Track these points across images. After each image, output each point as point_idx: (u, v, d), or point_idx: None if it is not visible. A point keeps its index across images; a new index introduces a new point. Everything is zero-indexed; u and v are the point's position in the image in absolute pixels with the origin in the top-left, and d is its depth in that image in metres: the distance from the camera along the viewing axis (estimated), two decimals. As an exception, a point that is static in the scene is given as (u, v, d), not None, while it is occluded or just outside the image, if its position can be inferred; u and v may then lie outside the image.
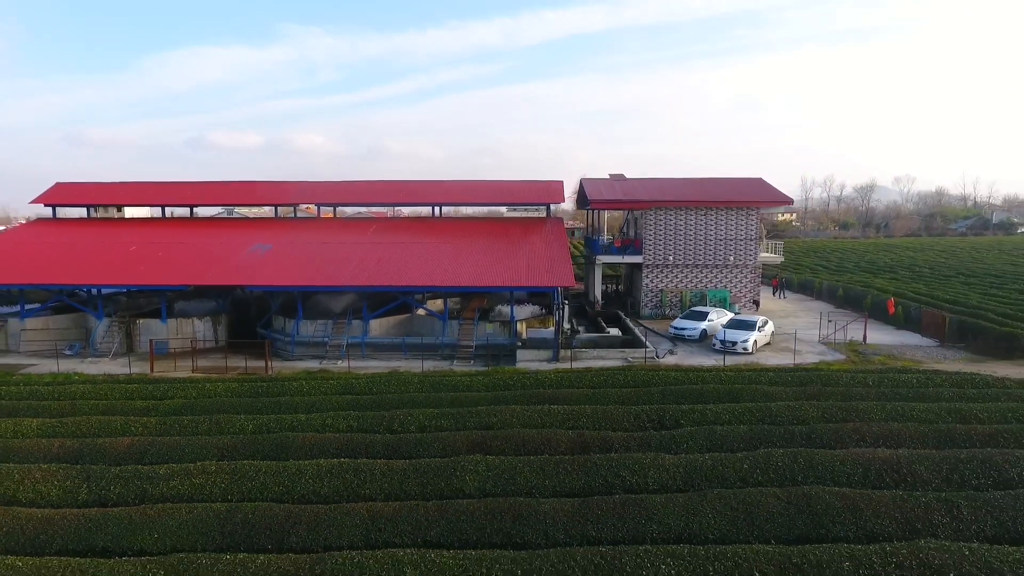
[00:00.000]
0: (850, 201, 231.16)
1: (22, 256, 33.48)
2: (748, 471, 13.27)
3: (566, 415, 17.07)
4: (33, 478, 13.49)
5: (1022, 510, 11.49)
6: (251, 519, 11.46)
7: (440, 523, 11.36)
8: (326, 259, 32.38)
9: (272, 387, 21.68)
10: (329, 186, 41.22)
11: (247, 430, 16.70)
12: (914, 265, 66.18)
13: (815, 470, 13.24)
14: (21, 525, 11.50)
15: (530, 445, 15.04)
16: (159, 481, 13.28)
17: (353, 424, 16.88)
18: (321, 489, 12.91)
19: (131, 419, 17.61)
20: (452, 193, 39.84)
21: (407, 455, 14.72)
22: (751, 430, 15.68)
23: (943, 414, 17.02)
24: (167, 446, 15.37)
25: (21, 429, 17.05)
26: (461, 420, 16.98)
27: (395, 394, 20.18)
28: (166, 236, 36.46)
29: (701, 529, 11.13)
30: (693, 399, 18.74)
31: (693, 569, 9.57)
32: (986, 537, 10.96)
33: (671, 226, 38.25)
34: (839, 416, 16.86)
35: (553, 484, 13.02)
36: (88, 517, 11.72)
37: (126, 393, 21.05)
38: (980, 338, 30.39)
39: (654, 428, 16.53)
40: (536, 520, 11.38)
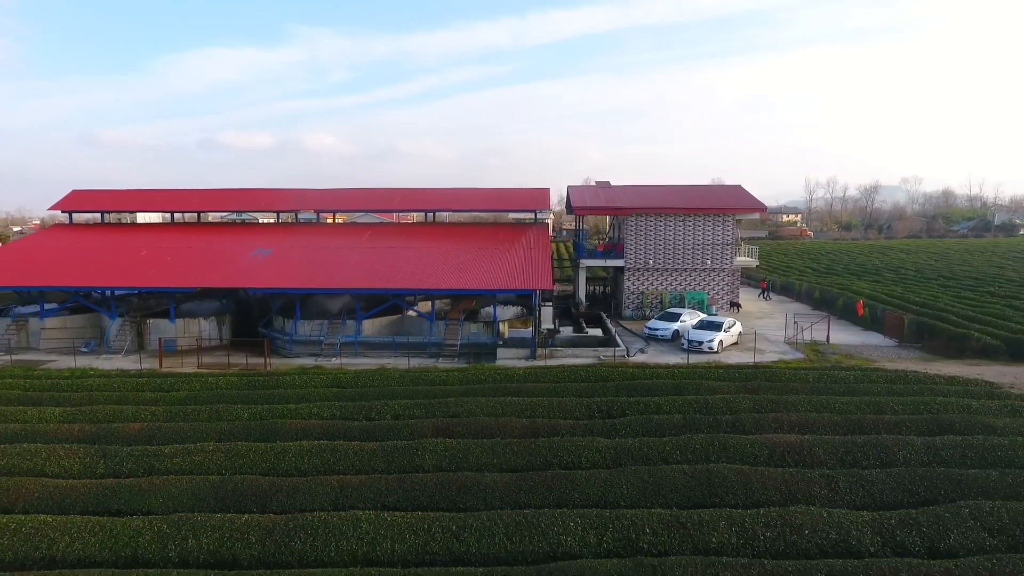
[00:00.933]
0: (855, 202, 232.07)
1: (41, 260, 35.96)
2: (669, 452, 15.36)
3: (525, 406, 19.21)
4: (57, 455, 15.78)
5: (891, 484, 13.52)
6: (240, 488, 13.69)
7: (398, 492, 13.54)
8: (323, 263, 34.65)
9: (268, 381, 23.96)
10: (326, 193, 43.56)
11: (243, 417, 18.94)
12: (902, 268, 67.69)
13: (727, 452, 15.31)
14: (49, 492, 13.77)
15: (487, 431, 17.19)
16: (164, 458, 15.54)
17: (336, 413, 19.09)
18: (301, 465, 15.12)
19: (141, 408, 19.93)
20: (443, 200, 42.06)
21: (379, 438, 16.91)
22: (684, 419, 17.76)
23: (862, 406, 19.03)
24: (172, 430, 17.64)
25: (45, 416, 19.38)
26: (431, 409, 19.16)
27: (377, 387, 22.39)
28: (174, 241, 38.88)
29: (615, 497, 13.24)
30: (643, 392, 20.84)
31: (596, 526, 11.69)
32: (854, 505, 13.00)
33: (651, 231, 40.26)
34: (767, 407, 18.90)
35: (500, 462, 15.17)
36: (104, 486, 13.98)
37: (137, 386, 23.38)
38: (936, 338, 32.24)
39: (601, 417, 18.64)
40: (479, 490, 13.53)
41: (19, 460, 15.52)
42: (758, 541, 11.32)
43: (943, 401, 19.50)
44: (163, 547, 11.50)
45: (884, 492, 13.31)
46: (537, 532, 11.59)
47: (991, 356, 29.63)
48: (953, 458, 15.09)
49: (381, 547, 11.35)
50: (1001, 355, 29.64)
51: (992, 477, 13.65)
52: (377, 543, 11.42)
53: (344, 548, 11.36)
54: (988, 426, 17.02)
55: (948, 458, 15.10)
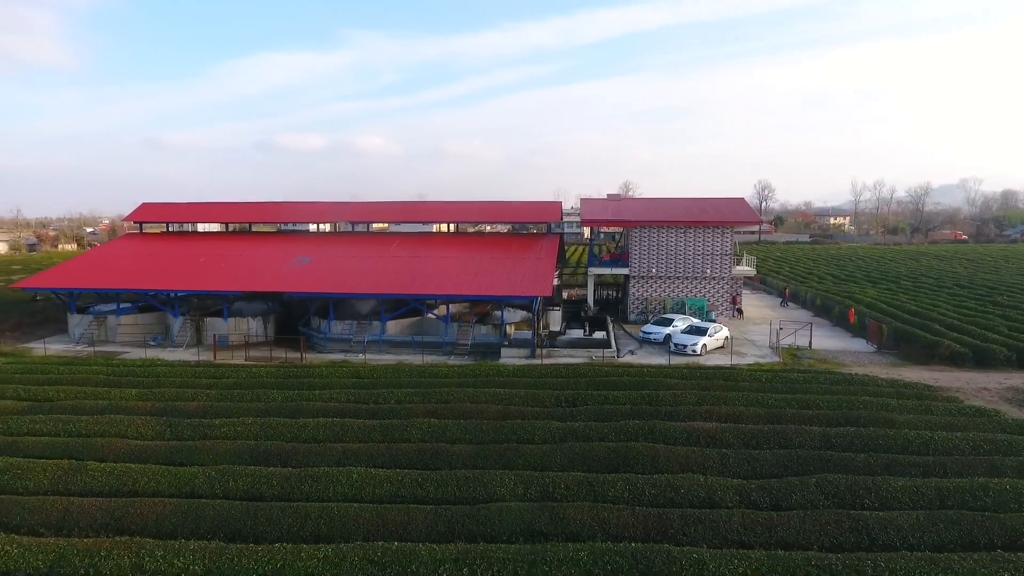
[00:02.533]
0: (904, 204, 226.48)
1: (116, 265, 41.83)
2: (606, 433, 19.07)
3: (504, 396, 23.14)
4: (136, 424, 20.56)
5: (772, 462, 16.92)
6: (269, 449, 18.11)
7: (386, 456, 17.69)
8: (354, 270, 39.32)
9: (301, 372, 28.61)
10: (361, 206, 48.42)
11: (277, 400, 23.47)
12: (923, 275, 68.44)
13: (653, 434, 18.91)
14: (131, 449, 18.48)
15: (467, 414, 21.20)
16: (214, 428, 20.12)
17: (351, 398, 23.44)
18: (316, 436, 19.46)
19: (198, 391, 24.77)
20: (464, 212, 46.34)
21: (379, 418, 21.12)
22: (631, 408, 21.41)
23: (792, 402, 22.25)
24: (221, 408, 22.28)
25: (124, 396, 24.36)
26: (427, 397, 23.31)
27: (389, 379, 26.70)
28: (228, 248, 44.30)
29: (549, 465, 17.04)
30: (608, 387, 24.50)
31: (525, 482, 15.54)
32: (736, 475, 16.47)
33: (654, 242, 43.55)
34: (708, 401, 22.31)
35: (469, 438, 19.16)
36: (170, 446, 18.62)
37: (195, 374, 28.35)
38: (912, 345, 34.64)
39: (565, 406, 22.43)
40: (446, 456, 17.56)
41: (108, 427, 20.37)
42: (643, 496, 14.99)
43: (866, 400, 22.55)
44: (211, 487, 15.94)
45: (764, 468, 16.74)
46: (480, 485, 15.54)
47: (958, 363, 31.91)
48: (840, 445, 18.32)
49: (364, 491, 15.51)
50: (967, 362, 31.90)
51: (858, 459, 16.90)
52: (362, 488, 15.58)
53: (338, 491, 15.56)
54: (889, 421, 20.08)
55: (836, 444, 18.33)
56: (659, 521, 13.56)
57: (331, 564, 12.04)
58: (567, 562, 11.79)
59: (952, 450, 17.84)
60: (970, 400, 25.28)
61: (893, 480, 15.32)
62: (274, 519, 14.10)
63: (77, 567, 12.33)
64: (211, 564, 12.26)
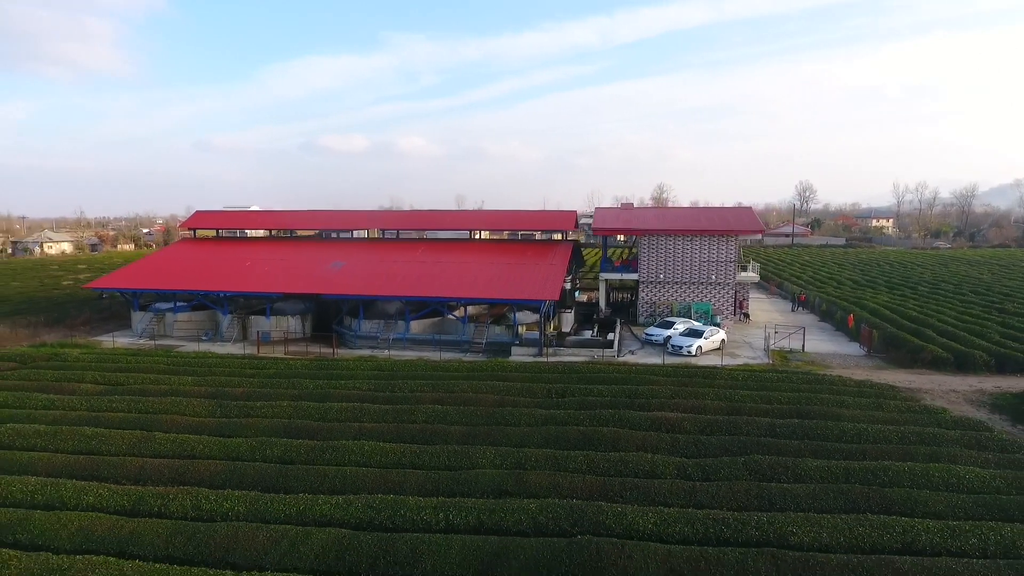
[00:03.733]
0: (951, 206, 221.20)
1: (173, 268, 46.78)
2: (581, 420, 22.30)
3: (502, 388, 26.58)
4: (192, 405, 24.69)
5: (715, 445, 19.91)
6: (299, 426, 21.95)
7: (393, 433, 21.32)
8: (382, 274, 43.28)
9: (332, 365, 32.60)
10: (392, 214, 52.49)
11: (308, 388, 27.39)
12: (943, 281, 69.04)
13: (622, 421, 22.05)
14: (188, 423, 22.56)
15: (467, 402, 24.70)
16: (256, 409, 24.10)
17: (371, 387, 27.20)
18: (339, 417, 23.23)
19: (243, 379, 28.92)
20: (483, 221, 49.93)
21: (393, 403, 24.80)
22: (611, 400, 24.58)
23: (755, 398, 25.03)
24: (262, 393, 26.31)
25: (182, 382, 28.66)
26: (436, 387, 26.91)
27: (406, 372, 30.43)
28: (270, 253, 48.87)
29: (527, 443, 20.36)
30: (595, 382, 27.70)
31: (503, 455, 18.93)
32: (682, 455, 19.50)
33: (662, 249, 46.30)
34: (680, 395, 25.30)
35: (464, 420, 22.64)
36: (219, 422, 22.65)
37: (241, 365, 32.61)
38: (900, 350, 36.73)
39: (553, 397, 25.72)
40: (443, 435, 21.07)
41: (169, 407, 24.56)
42: (597, 468, 18.21)
43: (824, 397, 25.21)
44: (252, 453, 19.82)
45: (707, 450, 19.75)
46: (466, 457, 19.01)
47: (939, 367, 33.95)
48: (783, 433, 21.15)
49: (373, 459, 19.14)
50: (949, 367, 33.91)
51: (791, 444, 19.76)
52: (371, 457, 19.23)
53: (352, 459, 19.23)
54: (834, 415, 22.78)
55: (779, 433, 21.17)
56: (602, 486, 16.78)
57: (340, 508, 15.68)
58: (519, 511, 15.16)
59: (879, 439, 20.49)
60: (933, 400, 27.62)
61: (811, 461, 18.19)
62: (300, 477, 17.85)
63: (152, 506, 16.27)
64: (251, 507, 16.03)
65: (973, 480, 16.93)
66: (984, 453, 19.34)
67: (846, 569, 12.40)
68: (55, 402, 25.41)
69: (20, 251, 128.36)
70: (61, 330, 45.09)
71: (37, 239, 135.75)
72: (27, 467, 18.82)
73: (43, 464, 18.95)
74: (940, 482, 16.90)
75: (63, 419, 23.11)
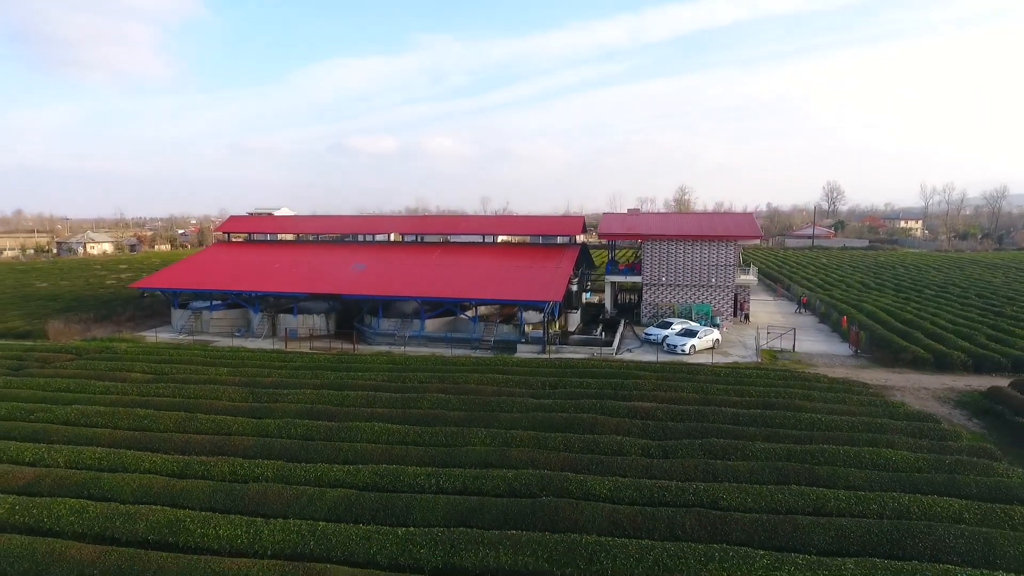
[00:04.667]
0: (982, 207, 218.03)
1: (209, 270, 50.71)
2: (566, 407, 25.14)
3: (501, 380, 29.53)
4: (227, 392, 28.14)
5: (682, 429, 22.56)
6: (320, 409, 25.21)
7: (400, 417, 24.41)
8: (401, 276, 46.56)
9: (351, 359, 35.90)
10: (409, 219, 55.76)
11: (330, 378, 30.66)
12: (952, 284, 70.01)
13: (601, 409, 24.79)
14: (224, 407, 25.98)
15: (467, 391, 27.71)
16: (283, 396, 27.43)
17: (384, 379, 30.38)
18: (354, 402, 26.43)
19: (272, 370, 32.36)
20: (496, 226, 52.94)
21: (402, 392, 27.93)
22: (597, 391, 27.37)
23: (729, 391, 27.58)
24: (289, 382, 29.67)
25: (218, 372, 32.19)
26: (443, 379, 29.98)
27: (417, 366, 33.57)
28: (298, 256, 52.54)
29: (516, 426, 23.24)
30: (586, 376, 30.48)
31: (493, 436, 21.87)
32: (649, 438, 22.22)
33: (665, 254, 48.78)
34: (662, 388, 27.94)
35: (463, 406, 25.64)
36: (251, 406, 26.03)
37: (270, 358, 36.11)
38: (884, 350, 38.76)
39: (546, 388, 28.58)
40: (443, 419, 24.09)
41: (208, 393, 28.04)
42: (572, 447, 21.05)
43: (792, 391, 27.65)
44: (279, 431, 23.09)
45: (672, 434, 22.43)
46: (461, 437, 22.01)
47: (920, 367, 35.97)
48: (744, 420, 23.70)
49: (381, 437, 22.26)
50: (929, 366, 35.90)
51: (748, 430, 22.34)
52: (379, 436, 22.33)
53: (363, 436, 22.35)
54: (795, 406, 25.25)
55: (741, 420, 23.73)
56: (573, 461, 19.63)
57: (350, 474, 18.82)
58: (498, 478, 18.11)
59: (831, 428, 22.92)
60: (902, 397, 29.88)
61: (760, 444, 20.79)
62: (319, 451, 21.03)
63: (197, 471, 19.59)
64: (277, 473, 19.24)
65: (898, 461, 19.38)
66: (921, 440, 21.71)
67: (756, 525, 15.08)
68: (110, 388, 29.10)
69: (65, 251, 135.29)
70: (109, 326, 49.32)
71: (80, 240, 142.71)
72: (92, 440, 22.36)
73: (105, 437, 22.48)
74: (868, 462, 19.39)
75: (118, 402, 26.74)
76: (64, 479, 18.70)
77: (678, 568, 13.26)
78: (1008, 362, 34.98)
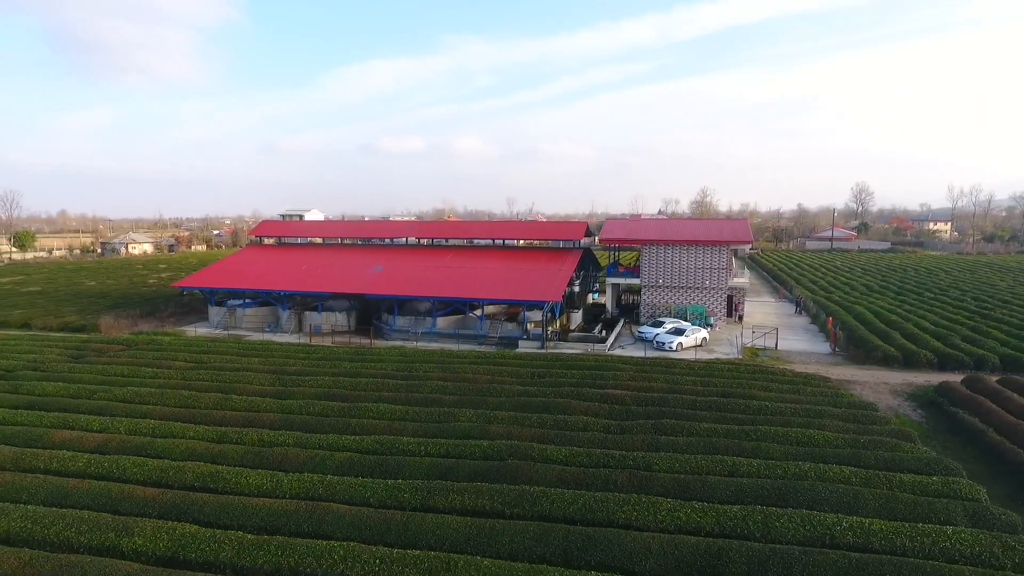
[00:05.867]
0: (1012, 209, 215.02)
1: (243, 271, 55.56)
2: (546, 394, 28.86)
3: (496, 371, 33.37)
4: (259, 379, 32.52)
5: (641, 410, 26.12)
6: (336, 392, 29.39)
7: (403, 400, 28.42)
8: (415, 277, 50.71)
9: (367, 352, 40.13)
10: (426, 224, 59.90)
11: (346, 368, 34.86)
12: (954, 287, 71.57)
13: (576, 395, 28.44)
14: (255, 390, 30.33)
15: (464, 379, 31.61)
16: (305, 381, 31.69)
17: (393, 369, 34.47)
18: (364, 388, 30.52)
19: (297, 360, 36.74)
20: (504, 231, 56.75)
21: (407, 379, 31.96)
22: (577, 380, 31.03)
23: (695, 382, 30.95)
24: (311, 371, 33.95)
25: (250, 363, 36.66)
26: (444, 370, 33.93)
27: (424, 358, 37.60)
28: (322, 258, 57.10)
29: (500, 408, 27.00)
30: (572, 368, 34.14)
31: (480, 415, 25.71)
32: (612, 418, 25.80)
33: (662, 257, 52.06)
34: (637, 379, 31.46)
35: (459, 391, 29.54)
36: (277, 389, 30.33)
37: (296, 351, 40.54)
38: (859, 349, 41.56)
39: (534, 378, 32.32)
40: (440, 402, 28.02)
41: (241, 379, 32.44)
42: (544, 424, 24.77)
43: (753, 383, 30.90)
44: (300, 410, 27.25)
45: (632, 415, 26.00)
46: (451, 416, 25.90)
47: (888, 364, 38.77)
48: (699, 405, 27.07)
49: (384, 415, 26.27)
50: (897, 364, 38.65)
51: (699, 414, 25.78)
52: (383, 414, 26.35)
53: (369, 414, 26.38)
54: (750, 395, 28.57)
55: (696, 405, 27.11)
56: (542, 435, 23.36)
57: (355, 443, 22.84)
58: (475, 446, 21.93)
59: (774, 412, 26.21)
60: (861, 390, 32.93)
61: (704, 424, 24.24)
62: (331, 425, 25.13)
63: (231, 439, 23.82)
64: (296, 441, 23.34)
65: (818, 439, 22.68)
66: (850, 424, 24.92)
67: (674, 482, 18.65)
68: (157, 374, 33.70)
69: (109, 251, 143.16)
70: (153, 321, 54.47)
71: (122, 241, 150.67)
72: (145, 414, 26.82)
73: (156, 413, 26.92)
74: (792, 440, 22.72)
75: (165, 385, 31.29)
76: (126, 443, 23.10)
77: (600, 510, 16.95)
78: (971, 360, 37.58)
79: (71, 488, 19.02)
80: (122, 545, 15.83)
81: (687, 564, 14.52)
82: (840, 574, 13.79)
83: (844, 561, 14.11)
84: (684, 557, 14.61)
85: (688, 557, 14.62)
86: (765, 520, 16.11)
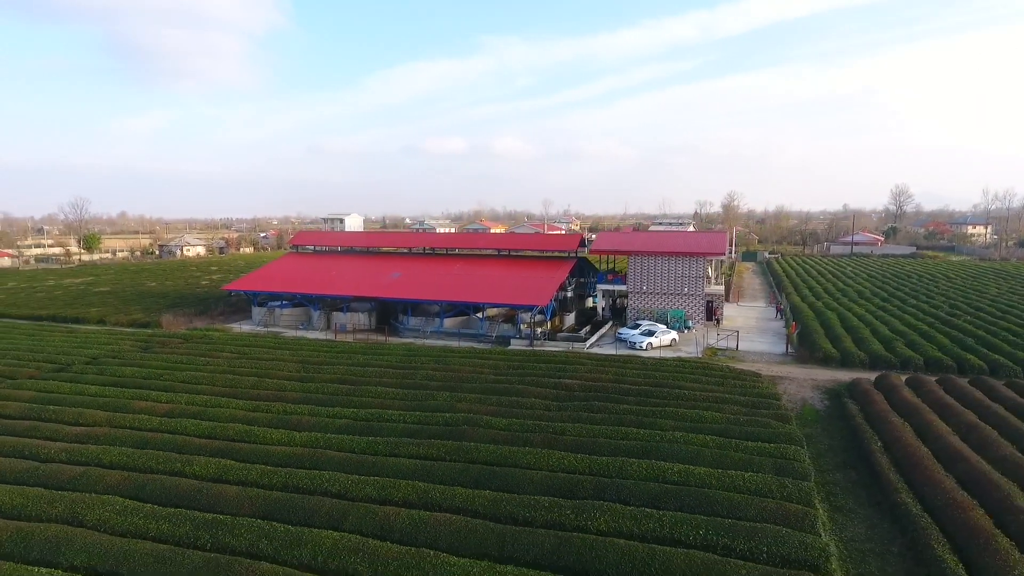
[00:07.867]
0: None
1: (282, 276, 64.10)
2: (512, 381, 35.82)
3: (480, 364, 40.50)
4: (288, 368, 40.44)
5: (583, 394, 32.87)
6: (349, 378, 37.04)
7: (400, 384, 35.80)
8: (427, 283, 58.25)
9: (380, 347, 47.83)
10: (439, 236, 67.38)
11: (359, 359, 42.49)
12: (939, 294, 75.15)
13: (535, 383, 35.31)
14: (285, 375, 38.20)
15: (452, 370, 38.81)
16: (324, 369, 39.44)
17: (397, 361, 41.95)
18: (371, 375, 38.04)
19: (321, 353, 44.66)
20: (506, 242, 63.80)
21: (405, 369, 39.36)
22: (543, 372, 37.92)
23: (640, 375, 37.43)
24: (330, 361, 41.73)
25: (283, 354, 44.68)
26: (438, 361, 41.24)
27: (425, 352, 45.01)
28: (349, 265, 65.23)
29: (473, 391, 34.12)
30: (544, 362, 41.02)
31: (456, 397, 32.89)
32: (558, 400, 32.61)
33: (646, 267, 58.31)
34: (594, 371, 38.11)
35: (444, 379, 36.75)
36: (303, 375, 38.16)
37: (323, 345, 48.51)
38: (808, 350, 47.10)
39: (508, 370, 39.30)
40: (429, 386, 35.28)
41: (274, 366, 40.41)
42: (501, 404, 31.74)
43: (689, 375, 37.23)
44: (317, 390, 34.90)
45: (574, 399, 32.76)
46: (432, 397, 33.12)
47: (827, 363, 44.23)
48: (632, 392, 33.61)
49: (380, 395, 33.71)
50: (835, 363, 44.04)
51: (629, 399, 32.36)
52: (383, 396, 33.76)
53: (369, 394, 33.84)
54: (678, 385, 34.95)
55: (629, 392, 33.64)
56: (496, 411, 30.32)
57: (354, 413, 30.28)
58: (441, 417, 29.14)
59: (690, 399, 32.49)
60: (786, 385, 38.84)
61: (625, 406, 30.83)
62: (339, 401, 32.66)
63: (263, 409, 31.59)
64: (310, 412, 30.93)
65: (708, 418, 29.04)
66: (745, 408, 31.15)
67: (574, 443, 25.43)
68: (209, 362, 41.97)
69: (166, 253, 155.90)
70: (205, 319, 63.49)
71: (178, 243, 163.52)
72: (200, 392, 34.88)
73: (207, 391, 34.99)
74: (687, 418, 29.14)
75: (215, 370, 39.47)
76: (186, 411, 31.10)
77: (511, 457, 23.97)
78: (898, 361, 42.86)
79: (149, 438, 27.02)
80: (185, 471, 23.64)
81: (554, 489, 21.43)
82: (652, 497, 20.47)
83: (660, 490, 20.78)
84: (553, 485, 21.54)
85: (556, 485, 21.55)
86: (622, 466, 22.84)
